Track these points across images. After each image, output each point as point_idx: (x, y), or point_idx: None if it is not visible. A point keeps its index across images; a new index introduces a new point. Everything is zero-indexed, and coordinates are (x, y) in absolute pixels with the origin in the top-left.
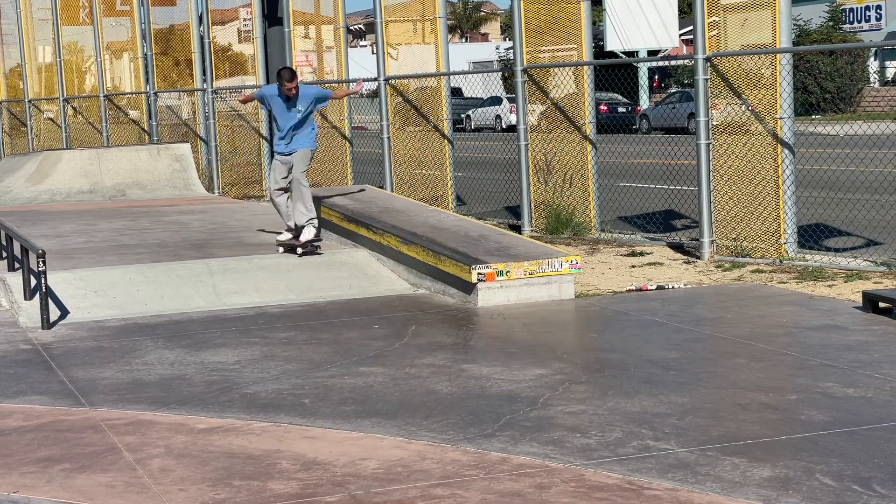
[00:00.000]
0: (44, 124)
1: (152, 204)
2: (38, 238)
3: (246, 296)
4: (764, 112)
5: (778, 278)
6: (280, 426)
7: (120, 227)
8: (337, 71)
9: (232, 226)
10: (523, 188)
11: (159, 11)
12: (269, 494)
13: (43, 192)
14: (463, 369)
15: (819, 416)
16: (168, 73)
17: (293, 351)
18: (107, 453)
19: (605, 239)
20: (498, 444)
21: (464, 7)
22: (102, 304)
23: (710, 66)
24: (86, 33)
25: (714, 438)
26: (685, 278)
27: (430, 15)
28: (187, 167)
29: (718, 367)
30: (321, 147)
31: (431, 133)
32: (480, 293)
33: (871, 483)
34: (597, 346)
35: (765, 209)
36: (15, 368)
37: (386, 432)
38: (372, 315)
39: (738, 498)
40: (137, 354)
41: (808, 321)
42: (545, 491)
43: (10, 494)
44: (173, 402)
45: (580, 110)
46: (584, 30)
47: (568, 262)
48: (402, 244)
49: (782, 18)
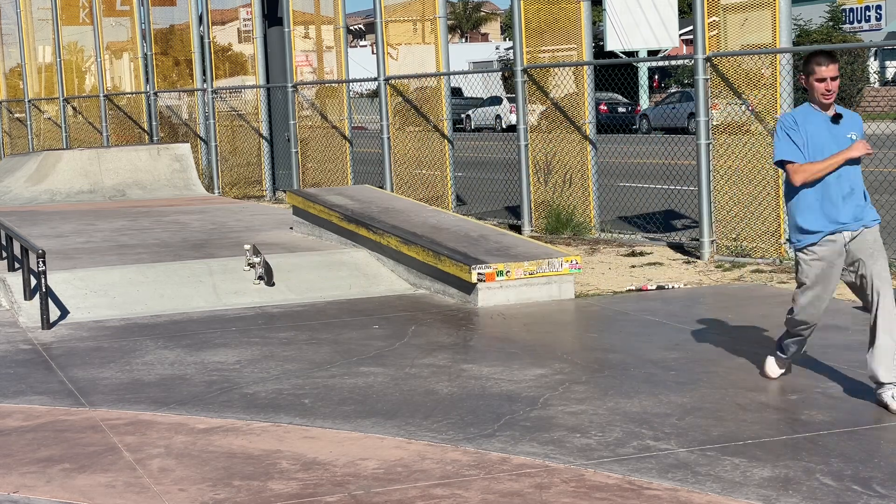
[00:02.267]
0: (44, 124)
1: (152, 204)
2: (38, 238)
3: (246, 296)
4: (764, 112)
5: (778, 278)
6: (280, 426)
7: (120, 227)
8: (337, 71)
9: (232, 226)
10: (523, 188)
11: (159, 11)
12: (269, 494)
13: (43, 192)
14: (463, 369)
15: (819, 416)
16: (168, 73)
17: (293, 351)
18: (107, 453)
19: (605, 239)
20: (498, 444)
21: (464, 7)
22: (102, 304)
23: (710, 66)
24: (86, 33)
25: (714, 438)
26: (685, 278)
27: (430, 15)
28: (187, 167)
29: (718, 367)
30: (322, 147)
31: (431, 133)
32: (480, 293)
33: (871, 483)
34: (597, 346)
35: (765, 209)
36: (15, 368)
37: (386, 432)
38: (372, 315)
39: (738, 498)
40: (137, 354)
41: None
42: (545, 491)
43: (10, 494)
44: (173, 402)
45: (580, 110)
46: (584, 30)
47: (568, 263)
48: (402, 244)
49: (782, 18)
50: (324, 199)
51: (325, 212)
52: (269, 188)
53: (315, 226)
